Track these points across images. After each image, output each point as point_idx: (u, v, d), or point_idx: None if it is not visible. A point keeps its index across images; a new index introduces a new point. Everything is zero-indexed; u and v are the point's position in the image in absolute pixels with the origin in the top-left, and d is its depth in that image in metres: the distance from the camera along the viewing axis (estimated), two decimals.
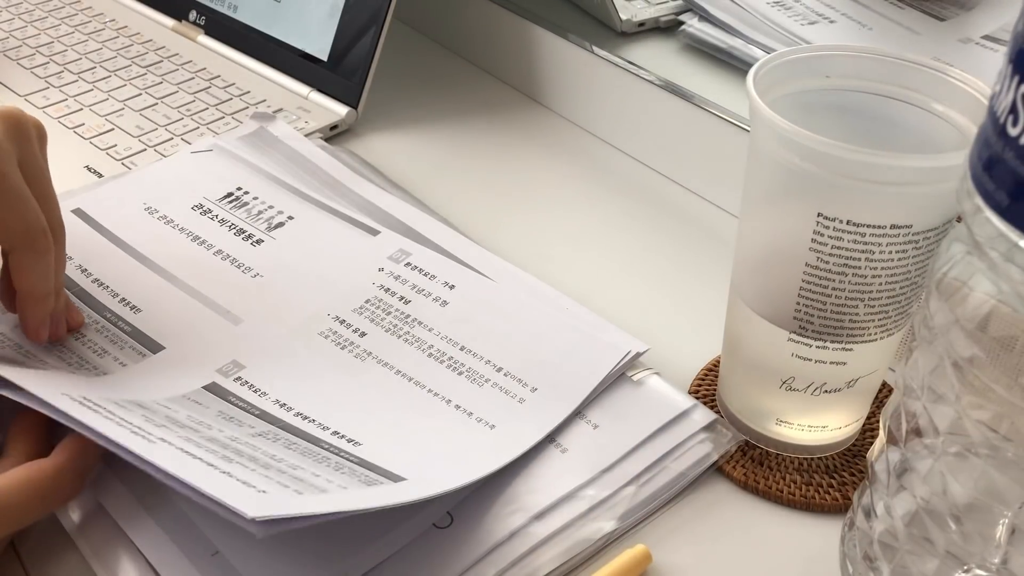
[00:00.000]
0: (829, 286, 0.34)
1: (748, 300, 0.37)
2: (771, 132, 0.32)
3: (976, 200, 0.24)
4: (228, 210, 0.50)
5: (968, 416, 0.27)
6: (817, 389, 0.37)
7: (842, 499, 0.38)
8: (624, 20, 0.62)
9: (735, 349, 0.39)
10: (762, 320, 0.36)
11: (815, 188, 0.32)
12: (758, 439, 0.40)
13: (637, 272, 0.51)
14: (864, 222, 0.32)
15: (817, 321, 0.35)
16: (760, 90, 0.33)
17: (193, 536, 0.34)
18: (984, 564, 0.28)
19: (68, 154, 0.56)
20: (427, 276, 0.45)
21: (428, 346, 0.42)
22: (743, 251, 0.37)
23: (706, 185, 0.56)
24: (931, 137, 0.34)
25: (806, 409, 0.38)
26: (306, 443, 0.36)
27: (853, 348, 0.35)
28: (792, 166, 0.32)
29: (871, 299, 0.34)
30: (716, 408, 0.41)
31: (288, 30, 0.64)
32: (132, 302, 0.43)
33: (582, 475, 0.37)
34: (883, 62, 0.35)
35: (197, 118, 0.60)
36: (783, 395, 0.37)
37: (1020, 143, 0.22)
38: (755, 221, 0.36)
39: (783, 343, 0.36)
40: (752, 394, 0.39)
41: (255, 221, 0.49)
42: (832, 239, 0.32)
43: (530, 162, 0.60)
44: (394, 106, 0.64)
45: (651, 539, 0.36)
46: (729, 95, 0.55)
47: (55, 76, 0.64)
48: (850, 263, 0.33)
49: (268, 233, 0.48)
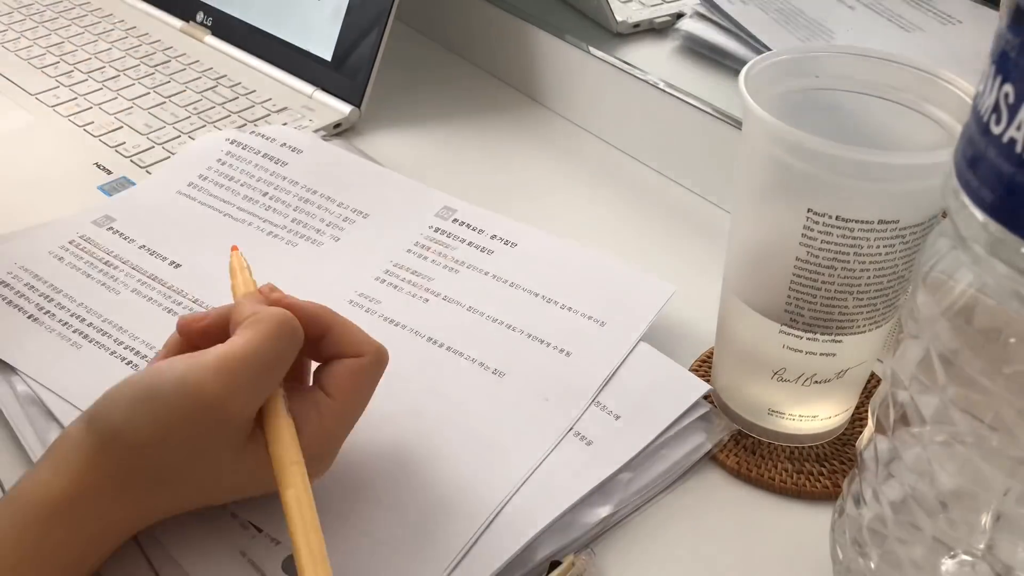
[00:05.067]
0: (819, 280, 0.34)
1: (740, 293, 0.37)
2: (762, 130, 0.33)
3: (961, 196, 0.24)
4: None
5: (954, 406, 0.27)
6: (808, 380, 0.37)
7: (832, 486, 0.38)
8: (620, 21, 0.62)
9: (728, 341, 0.40)
10: (754, 313, 0.37)
11: (805, 185, 0.33)
12: (751, 429, 0.40)
13: (633, 264, 0.51)
14: (853, 218, 0.32)
15: (807, 314, 0.35)
16: (751, 90, 0.34)
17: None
18: (970, 549, 0.29)
19: (78, 151, 0.57)
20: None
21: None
22: (735, 246, 0.37)
23: (699, 181, 0.57)
24: (918, 135, 0.35)
25: (797, 399, 0.38)
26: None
27: (843, 340, 0.36)
28: (783, 163, 0.33)
29: (860, 292, 0.34)
30: (710, 399, 0.42)
31: (293, 31, 0.65)
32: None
33: (582, 461, 0.37)
34: (872, 62, 0.36)
35: (204, 116, 0.61)
36: (775, 386, 0.38)
37: (1003, 141, 0.23)
38: (747, 217, 0.36)
39: (775, 335, 0.36)
40: (745, 385, 0.40)
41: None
42: (822, 234, 0.33)
43: (529, 159, 0.61)
44: (396, 105, 0.64)
45: (646, 526, 0.37)
46: (721, 94, 0.55)
47: (65, 75, 0.65)
48: (839, 257, 0.34)
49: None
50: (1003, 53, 0.23)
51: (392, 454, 0.37)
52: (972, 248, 0.25)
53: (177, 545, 0.34)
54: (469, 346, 0.42)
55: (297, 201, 0.51)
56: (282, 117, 0.61)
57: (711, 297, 0.44)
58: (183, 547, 0.34)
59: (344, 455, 0.35)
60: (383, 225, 0.49)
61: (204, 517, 0.34)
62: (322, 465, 0.34)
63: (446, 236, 0.48)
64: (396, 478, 0.36)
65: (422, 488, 0.36)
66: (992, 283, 0.25)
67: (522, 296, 0.44)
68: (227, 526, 0.35)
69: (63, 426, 0.37)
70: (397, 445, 0.38)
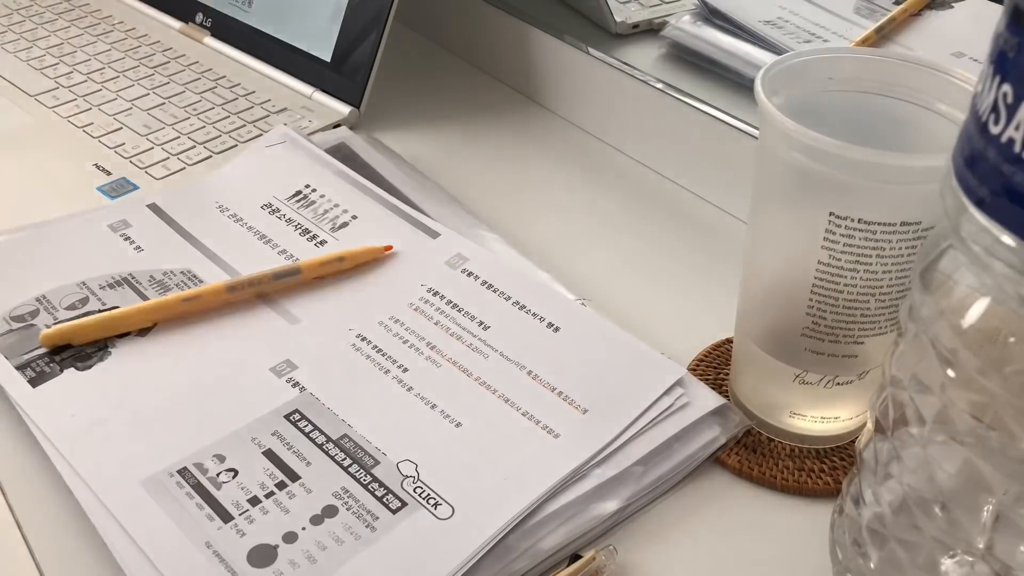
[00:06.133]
0: (841, 282, 0.34)
1: (760, 297, 0.37)
2: (782, 135, 0.33)
3: (959, 196, 0.24)
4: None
5: (953, 406, 0.27)
6: (830, 382, 0.37)
7: (833, 483, 0.39)
8: (619, 22, 0.62)
9: (747, 345, 0.39)
10: (775, 317, 0.37)
11: (827, 188, 0.33)
12: (771, 431, 0.40)
13: (632, 265, 0.51)
14: (876, 220, 0.32)
15: (830, 316, 0.35)
16: (767, 93, 0.34)
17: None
18: (970, 549, 0.29)
19: (77, 152, 0.57)
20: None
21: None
22: (753, 250, 0.37)
23: (698, 181, 0.57)
24: (934, 134, 0.35)
25: (819, 401, 0.38)
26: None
27: (864, 342, 0.36)
28: (804, 168, 0.33)
29: (882, 294, 0.34)
30: (725, 392, 0.41)
31: (292, 32, 0.65)
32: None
33: (599, 437, 0.37)
34: (885, 63, 0.36)
35: (203, 117, 0.61)
36: (797, 388, 0.38)
37: (1001, 141, 0.23)
38: (765, 221, 0.36)
39: (796, 338, 0.36)
40: (766, 388, 0.40)
41: (320, 221, 0.50)
42: (844, 237, 0.33)
43: (527, 159, 0.61)
44: (395, 105, 0.65)
45: (648, 526, 0.37)
46: (719, 94, 0.55)
47: (64, 76, 0.65)
48: (862, 260, 0.34)
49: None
50: (1002, 53, 0.23)
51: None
52: (971, 248, 0.25)
53: (143, 537, 0.34)
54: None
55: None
56: (281, 118, 0.61)
57: (710, 293, 0.44)
58: (149, 538, 0.34)
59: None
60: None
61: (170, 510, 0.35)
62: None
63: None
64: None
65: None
66: (991, 283, 0.25)
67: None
68: (193, 517, 0.35)
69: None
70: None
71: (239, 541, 0.34)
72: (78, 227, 0.49)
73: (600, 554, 0.35)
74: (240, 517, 0.35)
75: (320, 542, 0.34)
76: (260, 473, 0.36)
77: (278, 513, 0.35)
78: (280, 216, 0.51)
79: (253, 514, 0.35)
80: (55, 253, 0.47)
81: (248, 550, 0.34)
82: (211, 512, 0.35)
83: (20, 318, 0.43)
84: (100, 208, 0.51)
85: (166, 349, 0.42)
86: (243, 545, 0.34)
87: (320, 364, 0.42)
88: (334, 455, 0.37)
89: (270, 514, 0.35)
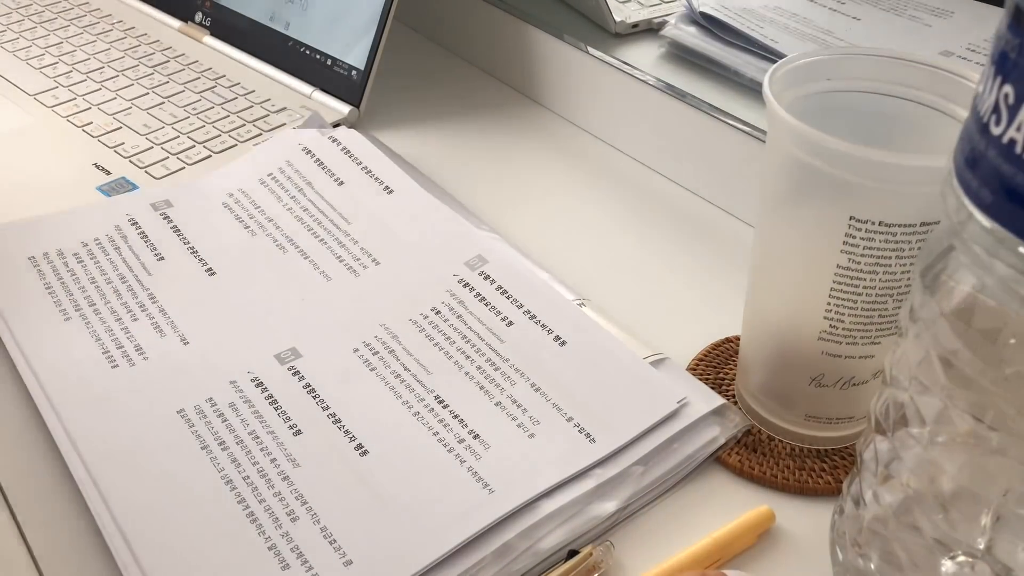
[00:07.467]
0: (860, 285, 0.34)
1: (772, 304, 0.37)
2: (794, 138, 0.32)
3: (960, 197, 0.24)
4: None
5: (954, 406, 0.27)
6: (846, 383, 0.37)
7: (834, 482, 0.38)
8: (618, 22, 0.62)
9: (761, 348, 0.39)
10: (791, 321, 0.36)
11: (846, 193, 0.32)
12: (784, 435, 0.40)
13: (632, 264, 0.51)
14: (896, 222, 0.32)
15: (848, 319, 0.35)
16: (774, 94, 0.33)
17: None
18: (970, 550, 0.29)
19: (76, 151, 0.57)
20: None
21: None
22: (763, 256, 0.37)
23: (697, 181, 0.57)
24: (942, 134, 0.35)
25: (834, 403, 0.38)
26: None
27: (881, 342, 0.36)
28: (818, 171, 0.32)
29: (899, 294, 0.34)
30: (730, 394, 0.41)
31: (292, 31, 0.65)
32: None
33: (591, 455, 0.37)
34: (891, 63, 0.36)
35: (203, 116, 0.61)
36: (812, 391, 0.38)
37: (1002, 142, 0.23)
38: (776, 226, 0.36)
39: (813, 343, 0.36)
40: (780, 391, 0.39)
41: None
42: (864, 240, 0.33)
43: (527, 159, 0.61)
44: (395, 105, 0.65)
45: (647, 526, 0.37)
46: (718, 94, 0.55)
47: (64, 76, 0.65)
48: (881, 262, 0.33)
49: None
50: (1003, 54, 0.23)
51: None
52: (972, 249, 0.25)
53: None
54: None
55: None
56: (281, 117, 0.61)
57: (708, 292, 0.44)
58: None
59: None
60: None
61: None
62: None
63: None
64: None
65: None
66: (992, 283, 0.25)
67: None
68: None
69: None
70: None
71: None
72: (75, 222, 0.50)
73: (597, 550, 0.35)
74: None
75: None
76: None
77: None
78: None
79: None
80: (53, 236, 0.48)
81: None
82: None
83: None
84: (99, 206, 0.51)
85: None
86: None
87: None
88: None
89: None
